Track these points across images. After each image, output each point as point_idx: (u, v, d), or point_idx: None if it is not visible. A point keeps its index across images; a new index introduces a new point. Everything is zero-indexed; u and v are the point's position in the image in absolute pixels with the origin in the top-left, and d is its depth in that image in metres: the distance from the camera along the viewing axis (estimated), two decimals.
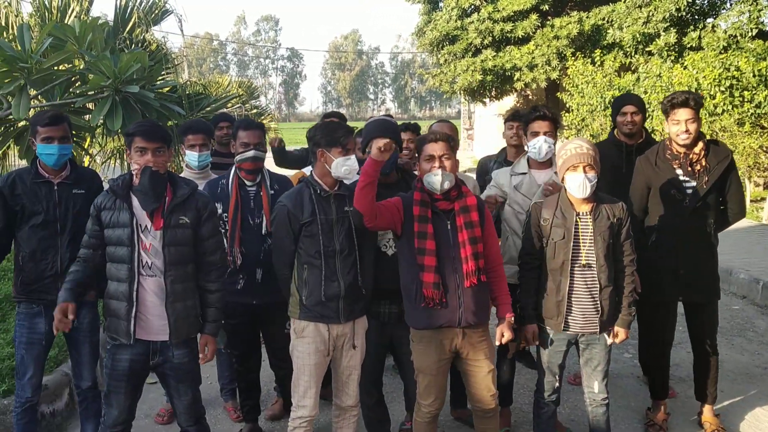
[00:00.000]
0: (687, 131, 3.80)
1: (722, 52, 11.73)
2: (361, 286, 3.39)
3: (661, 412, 4.24)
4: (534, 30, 16.88)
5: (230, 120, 5.18)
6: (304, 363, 3.36)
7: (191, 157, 4.23)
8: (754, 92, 10.00)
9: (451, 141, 3.28)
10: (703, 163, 3.88)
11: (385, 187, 3.52)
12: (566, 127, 15.59)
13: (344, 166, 3.27)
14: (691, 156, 3.88)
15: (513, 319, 3.40)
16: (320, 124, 3.60)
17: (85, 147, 6.29)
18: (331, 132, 3.33)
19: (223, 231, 3.85)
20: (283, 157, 5.47)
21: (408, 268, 3.27)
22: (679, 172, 3.91)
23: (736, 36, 12.19)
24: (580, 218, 3.39)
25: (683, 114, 3.80)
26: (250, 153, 3.84)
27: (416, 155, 3.39)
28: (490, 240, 3.35)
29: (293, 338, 3.43)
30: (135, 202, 3.07)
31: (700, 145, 3.88)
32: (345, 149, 3.29)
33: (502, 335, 3.34)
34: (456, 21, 18.27)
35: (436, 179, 3.17)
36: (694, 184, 3.87)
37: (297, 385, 3.39)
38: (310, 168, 4.16)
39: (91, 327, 3.62)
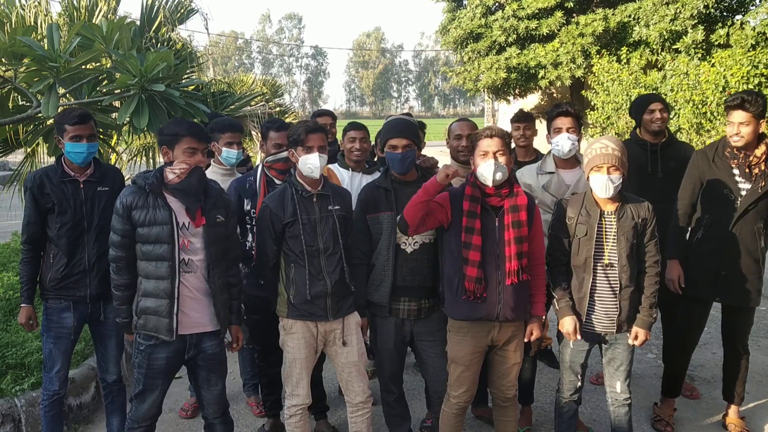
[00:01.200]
0: (738, 134, 3.74)
1: (751, 49, 11.53)
2: (349, 283, 3.43)
3: (668, 407, 4.23)
4: (559, 27, 16.75)
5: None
6: (295, 356, 3.46)
7: (230, 154, 4.27)
8: None
9: (507, 137, 3.31)
10: (762, 167, 3.79)
11: (404, 184, 3.56)
12: (591, 125, 15.46)
13: (307, 165, 3.35)
14: (750, 158, 3.80)
15: (544, 318, 3.45)
16: (292, 125, 3.64)
17: (112, 144, 6.38)
18: (293, 132, 3.41)
19: (248, 226, 3.90)
20: None
21: (452, 260, 3.32)
22: (735, 172, 3.84)
23: (765, 33, 11.96)
24: (604, 217, 3.37)
25: (737, 116, 3.74)
26: (284, 154, 3.89)
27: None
28: (536, 239, 3.38)
29: (282, 334, 3.51)
30: (171, 199, 3.12)
31: (762, 148, 3.79)
32: (306, 147, 3.34)
33: (532, 333, 3.39)
34: (480, 19, 18.19)
35: (489, 170, 3.20)
36: (749, 186, 3.80)
37: (290, 375, 3.48)
38: (336, 164, 4.20)
39: (118, 322, 3.67)
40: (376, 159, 4.63)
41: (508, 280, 3.24)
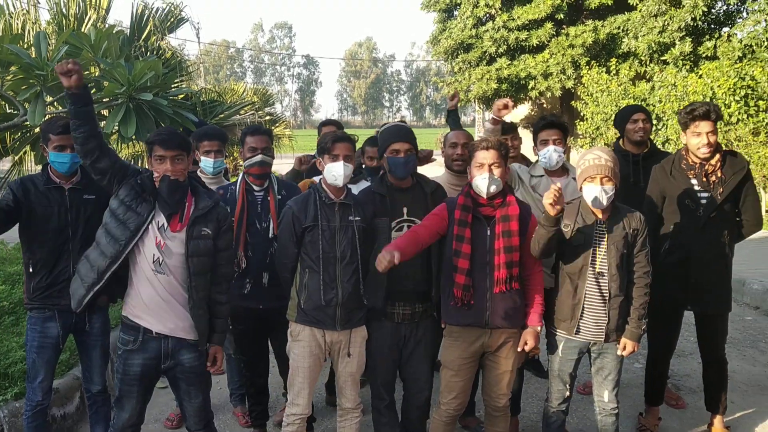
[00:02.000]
0: (708, 144, 3.79)
1: (738, 61, 11.66)
2: (362, 295, 3.43)
3: (653, 417, 4.25)
4: (549, 39, 16.89)
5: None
6: (299, 365, 3.45)
7: (206, 163, 4.27)
8: None
9: (503, 149, 3.34)
10: (719, 174, 3.85)
11: (400, 191, 3.59)
12: (581, 136, 15.56)
13: (331, 172, 3.37)
14: (706, 167, 3.86)
15: (539, 329, 3.46)
16: (324, 133, 3.67)
17: None
18: (321, 141, 3.47)
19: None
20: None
21: (447, 267, 3.39)
22: (694, 182, 3.89)
23: (751, 45, 12.10)
24: (597, 226, 3.39)
25: (705, 126, 3.79)
26: (258, 158, 3.90)
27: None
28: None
29: (290, 340, 3.51)
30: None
31: (717, 156, 3.86)
32: (332, 155, 3.37)
33: (526, 342, 3.40)
34: (471, 29, 18.32)
35: (483, 183, 3.25)
36: (708, 194, 3.86)
37: (292, 384, 3.48)
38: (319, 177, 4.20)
39: (102, 331, 3.65)
40: (363, 167, 4.64)
41: (496, 289, 3.27)
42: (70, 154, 3.42)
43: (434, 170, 4.75)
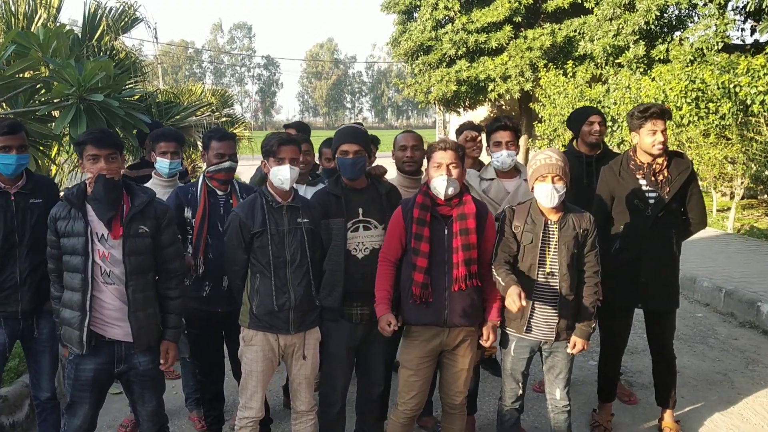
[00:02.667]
0: (663, 141, 3.89)
1: (689, 64, 11.96)
2: (314, 297, 3.43)
3: (606, 413, 4.34)
4: (507, 41, 17.10)
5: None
6: (252, 369, 3.43)
7: (162, 164, 4.21)
8: (718, 104, 10.21)
9: (460, 150, 3.37)
10: (665, 174, 3.96)
11: (354, 191, 3.60)
12: (539, 137, 15.79)
13: (278, 176, 3.34)
14: (654, 167, 3.96)
15: (498, 323, 3.52)
16: (267, 135, 3.65)
17: (52, 156, 6.22)
18: (266, 143, 3.42)
19: (190, 237, 3.86)
20: None
21: (406, 266, 3.40)
22: (642, 182, 3.99)
23: (702, 49, 12.42)
24: (547, 226, 3.44)
25: (660, 124, 3.89)
26: (226, 164, 3.87)
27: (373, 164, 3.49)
28: (489, 245, 3.45)
29: (242, 345, 3.48)
30: (90, 211, 3.05)
31: (663, 156, 3.97)
32: (278, 158, 3.34)
33: (488, 337, 3.46)
34: (430, 31, 18.45)
35: (442, 184, 3.27)
36: (656, 194, 3.96)
37: (245, 388, 3.46)
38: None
39: (51, 337, 3.57)
40: (319, 171, 4.64)
41: (455, 287, 3.30)
42: (15, 155, 3.33)
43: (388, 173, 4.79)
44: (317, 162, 4.88)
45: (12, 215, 3.39)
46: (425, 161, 3.68)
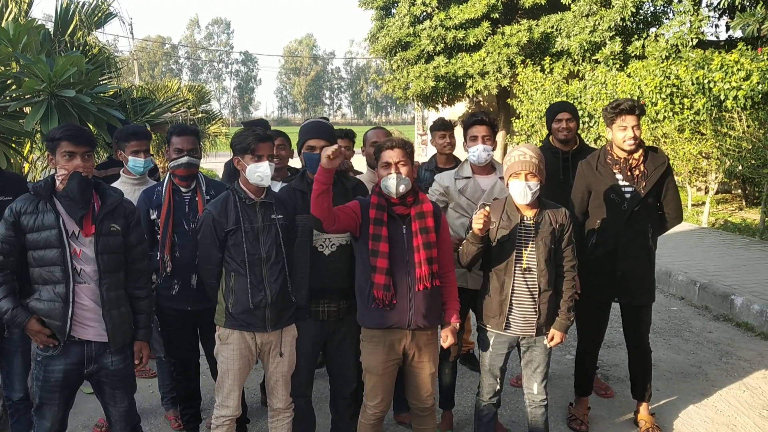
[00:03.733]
0: (634, 137, 3.91)
1: (664, 60, 12.08)
2: (290, 293, 3.40)
3: (583, 406, 4.38)
4: (485, 37, 17.14)
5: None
6: (229, 368, 3.40)
7: (137, 163, 4.15)
8: (693, 100, 10.34)
9: (408, 148, 3.32)
10: (642, 169, 3.99)
11: None
12: (516, 133, 15.87)
13: (256, 173, 3.29)
14: (630, 161, 3.99)
15: (458, 325, 3.48)
16: (237, 132, 3.59)
17: (25, 153, 6.13)
18: (242, 139, 3.36)
19: (158, 237, 3.81)
20: None
21: (362, 269, 3.33)
22: (619, 177, 4.02)
23: (677, 45, 12.56)
24: (523, 223, 3.45)
25: (630, 120, 3.92)
26: (184, 159, 3.81)
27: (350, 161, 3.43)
28: (444, 246, 3.41)
29: (218, 344, 3.45)
30: (59, 206, 2.99)
31: (640, 151, 4.00)
32: (256, 156, 3.30)
33: (447, 338, 3.42)
34: (408, 27, 18.44)
35: (392, 183, 3.22)
36: (632, 189, 3.99)
37: (221, 386, 3.43)
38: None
39: (22, 337, 3.51)
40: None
41: (419, 286, 3.25)
42: None
43: (359, 168, 4.77)
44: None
45: None
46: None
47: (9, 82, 4.42)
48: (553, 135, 4.64)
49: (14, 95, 4.41)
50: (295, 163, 4.25)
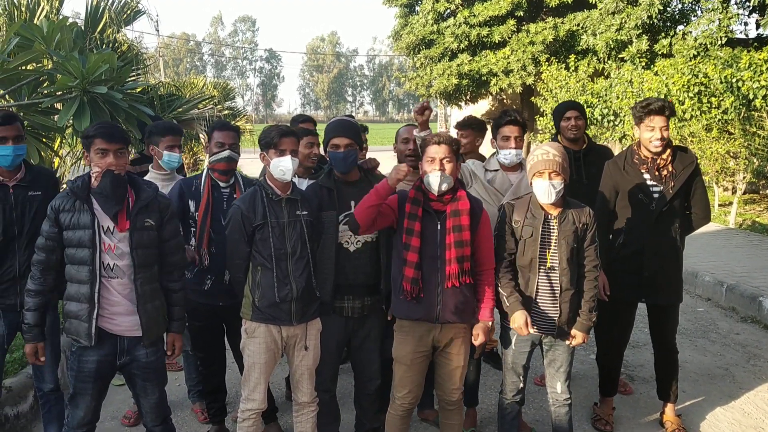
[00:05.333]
0: (661, 138, 3.87)
1: (692, 58, 11.93)
2: (315, 288, 3.45)
3: (607, 406, 4.35)
4: (510, 35, 17.03)
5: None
6: (255, 361, 3.44)
7: (172, 158, 4.23)
8: (721, 98, 10.19)
9: (454, 145, 3.34)
10: (670, 169, 3.95)
11: (346, 184, 3.61)
12: (540, 131, 15.77)
13: (279, 167, 3.34)
14: (658, 161, 3.96)
15: (491, 323, 3.49)
16: (265, 128, 3.64)
17: (55, 148, 6.23)
18: (266, 134, 3.42)
19: (193, 230, 3.87)
20: None
21: (396, 261, 3.39)
22: (646, 176, 3.99)
23: (705, 44, 12.39)
24: (547, 221, 3.44)
25: (659, 121, 3.87)
26: (225, 153, 3.87)
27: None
28: (484, 243, 3.42)
29: (244, 337, 3.49)
30: (95, 203, 3.05)
31: (668, 150, 3.96)
32: (279, 150, 3.35)
33: (478, 336, 3.44)
34: (432, 25, 18.37)
35: (435, 180, 3.24)
36: (660, 188, 3.95)
37: (247, 380, 3.47)
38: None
39: (52, 329, 3.56)
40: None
41: (447, 283, 3.28)
42: (12, 146, 3.31)
43: (389, 165, 4.78)
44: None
45: (11, 208, 3.37)
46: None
47: (42, 78, 4.49)
48: (562, 133, 4.60)
49: (47, 92, 4.49)
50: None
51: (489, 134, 4.27)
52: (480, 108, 20.52)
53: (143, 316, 3.10)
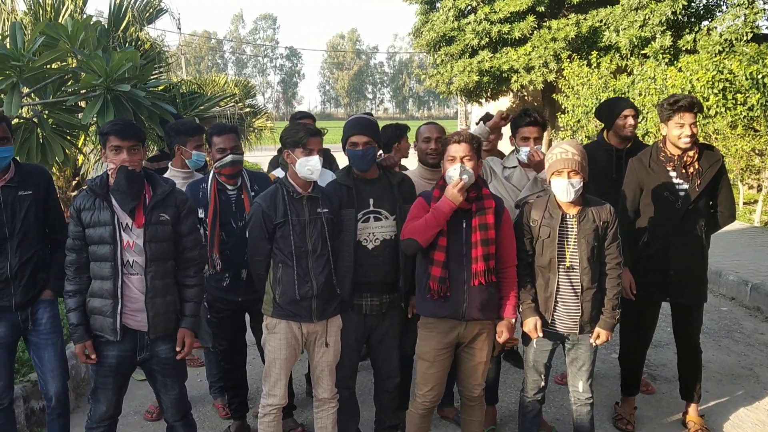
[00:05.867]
0: (691, 135, 3.82)
1: (717, 54, 11.77)
2: (335, 286, 3.46)
3: (629, 406, 4.32)
4: (531, 32, 16.95)
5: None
6: (275, 357, 3.47)
7: (200, 157, 4.28)
8: (746, 95, 10.04)
9: (475, 142, 3.33)
10: (696, 166, 3.90)
11: (366, 182, 3.61)
12: (561, 128, 15.67)
13: (306, 166, 3.34)
14: (685, 159, 3.91)
15: (514, 320, 3.49)
16: (287, 126, 3.64)
17: (79, 145, 6.31)
18: (293, 133, 3.41)
19: (205, 232, 3.89)
20: None
21: (422, 260, 3.39)
22: (672, 174, 3.94)
23: (730, 40, 12.23)
24: (566, 220, 3.42)
25: (688, 118, 3.83)
26: (228, 158, 3.87)
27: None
28: (506, 241, 3.42)
29: (265, 333, 3.51)
30: (114, 200, 3.08)
31: (694, 148, 3.92)
32: (307, 149, 3.35)
33: (502, 333, 3.44)
34: (453, 22, 18.34)
35: (455, 172, 3.24)
36: (686, 186, 3.90)
37: (268, 375, 3.49)
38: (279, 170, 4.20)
39: (52, 329, 3.52)
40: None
41: (474, 281, 3.28)
42: (1, 148, 3.25)
43: (410, 164, 4.77)
44: None
45: (1, 209, 3.31)
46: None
47: (67, 77, 4.55)
48: (616, 131, 4.52)
49: (71, 90, 4.55)
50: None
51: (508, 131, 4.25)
52: (501, 105, 20.40)
53: (150, 310, 3.11)
